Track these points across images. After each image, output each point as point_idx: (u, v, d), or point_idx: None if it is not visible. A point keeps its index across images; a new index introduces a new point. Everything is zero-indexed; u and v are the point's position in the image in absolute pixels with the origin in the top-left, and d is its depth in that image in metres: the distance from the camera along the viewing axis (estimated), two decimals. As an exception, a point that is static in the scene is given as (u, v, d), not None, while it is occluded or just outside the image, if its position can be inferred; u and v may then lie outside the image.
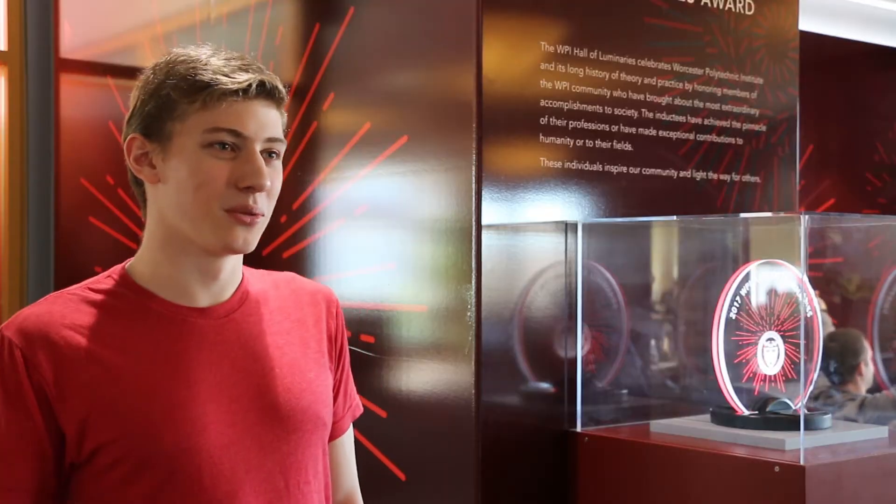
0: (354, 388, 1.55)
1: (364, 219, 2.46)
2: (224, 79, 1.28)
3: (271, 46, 2.71)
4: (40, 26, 3.77)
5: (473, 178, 2.18)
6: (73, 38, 3.72)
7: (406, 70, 2.40)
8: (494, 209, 2.20)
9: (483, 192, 2.18)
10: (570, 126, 2.32)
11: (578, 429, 2.29)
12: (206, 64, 1.30)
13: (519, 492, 2.23)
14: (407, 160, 2.33)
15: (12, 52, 3.74)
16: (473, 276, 2.17)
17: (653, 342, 2.60)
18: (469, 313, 2.18)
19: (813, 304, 2.16)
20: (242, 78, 1.29)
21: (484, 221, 2.18)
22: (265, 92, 1.31)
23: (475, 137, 2.18)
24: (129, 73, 3.46)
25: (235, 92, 1.28)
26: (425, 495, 2.27)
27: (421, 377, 2.29)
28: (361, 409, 1.56)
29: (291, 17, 2.72)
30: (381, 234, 2.43)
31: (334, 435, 1.49)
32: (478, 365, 2.17)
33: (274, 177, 1.32)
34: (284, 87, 1.35)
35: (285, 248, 2.63)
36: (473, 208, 2.17)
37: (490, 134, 2.19)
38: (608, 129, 2.38)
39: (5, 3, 3.74)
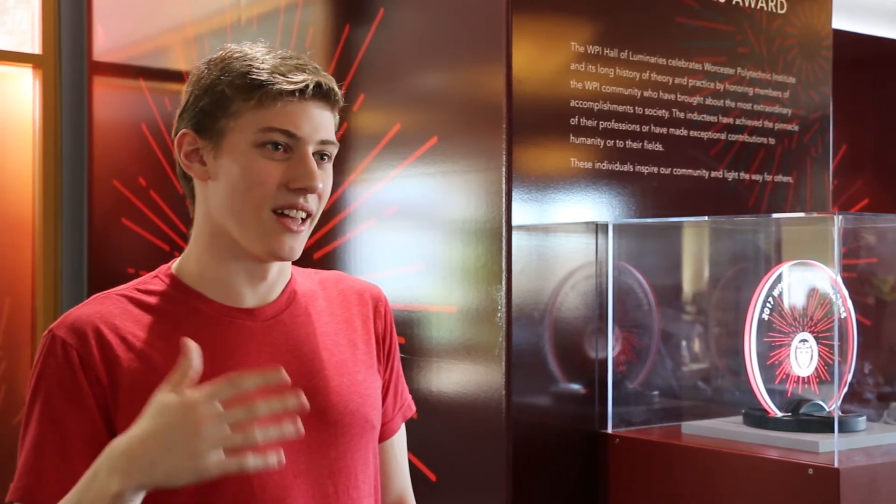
0: (406, 388, 1.52)
1: (394, 220, 2.46)
2: (280, 78, 1.27)
3: (301, 48, 2.72)
4: (74, 30, 3.81)
5: (503, 178, 2.17)
6: (106, 42, 3.75)
7: (436, 71, 2.40)
8: (524, 210, 2.20)
9: (513, 193, 2.17)
10: (601, 126, 2.31)
11: (609, 430, 2.28)
12: (262, 62, 1.28)
13: (549, 493, 2.23)
14: (437, 161, 2.33)
15: (46, 56, 3.78)
16: (503, 277, 2.17)
17: (684, 343, 2.59)
18: (499, 314, 2.17)
19: (847, 306, 2.14)
20: (299, 78, 1.27)
21: (514, 222, 2.17)
22: (321, 93, 1.29)
23: (505, 138, 2.17)
24: (161, 75, 3.50)
25: (292, 92, 1.26)
26: (456, 496, 2.27)
27: (451, 378, 2.29)
28: (413, 409, 1.54)
29: (321, 19, 2.73)
30: (411, 234, 2.43)
31: (385, 436, 1.47)
32: (508, 366, 2.16)
33: (325, 179, 1.31)
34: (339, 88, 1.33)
35: (316, 249, 2.64)
36: (503, 209, 2.17)
37: (520, 135, 2.19)
38: (639, 130, 2.37)
39: (39, 7, 3.78)
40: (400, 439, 1.52)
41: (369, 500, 1.38)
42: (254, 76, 1.27)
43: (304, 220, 1.30)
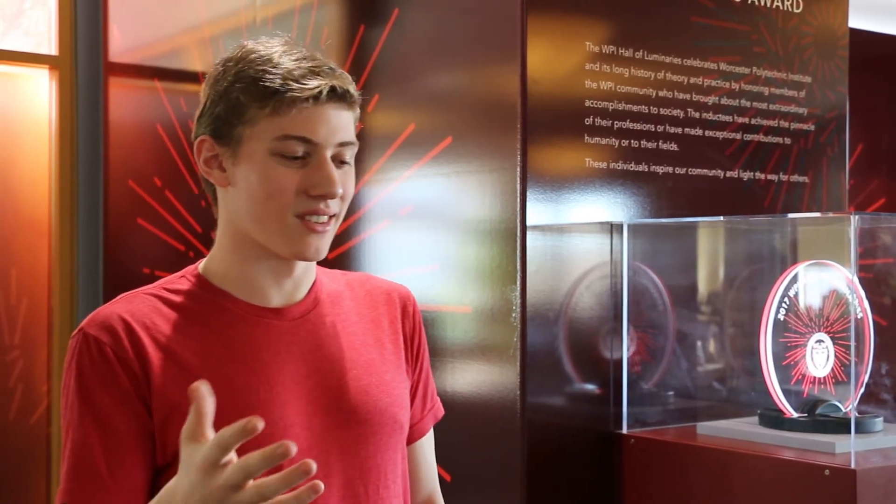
0: (435, 390, 1.51)
1: (409, 220, 2.47)
2: (294, 85, 1.25)
3: (316, 48, 2.71)
4: (90, 31, 3.83)
5: (518, 178, 2.17)
6: (122, 43, 3.77)
7: (450, 71, 2.41)
8: (539, 210, 2.20)
9: (528, 193, 2.17)
10: (616, 126, 2.31)
11: (624, 430, 2.28)
12: (276, 66, 1.27)
13: (564, 493, 2.22)
14: (451, 161, 2.33)
15: (63, 57, 3.79)
16: (518, 277, 2.17)
17: (699, 343, 2.58)
18: (514, 314, 2.17)
19: (863, 306, 2.13)
20: (313, 84, 1.26)
21: (529, 222, 2.17)
22: (336, 96, 1.27)
23: (520, 138, 2.17)
24: (177, 76, 3.51)
25: (306, 99, 1.25)
26: (471, 496, 2.27)
27: (466, 378, 2.29)
28: (443, 412, 1.52)
29: (336, 19, 2.74)
30: (425, 235, 2.43)
31: (414, 437, 1.45)
32: (523, 366, 2.16)
33: (346, 180, 1.30)
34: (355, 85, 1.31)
35: (330, 248, 2.63)
36: (518, 209, 2.17)
37: (535, 135, 2.19)
38: (654, 130, 2.37)
39: (56, 9, 3.80)
40: (429, 441, 1.50)
41: (398, 501, 1.37)
42: (267, 83, 1.25)
43: (328, 220, 1.30)
